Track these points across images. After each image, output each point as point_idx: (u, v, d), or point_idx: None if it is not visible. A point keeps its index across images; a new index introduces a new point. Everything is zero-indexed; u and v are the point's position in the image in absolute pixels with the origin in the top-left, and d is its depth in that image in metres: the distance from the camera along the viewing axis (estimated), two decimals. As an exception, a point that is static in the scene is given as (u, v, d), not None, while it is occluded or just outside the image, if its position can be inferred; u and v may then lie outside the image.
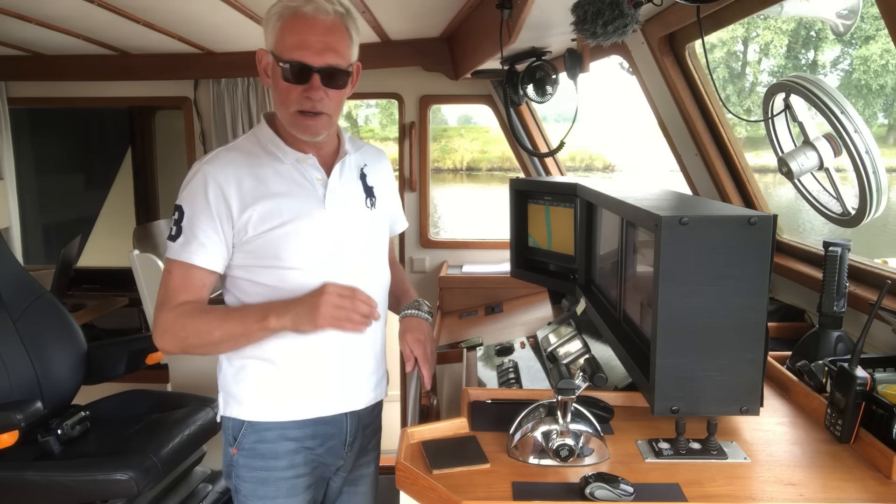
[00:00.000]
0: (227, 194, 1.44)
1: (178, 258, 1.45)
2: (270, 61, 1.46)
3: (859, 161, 1.51)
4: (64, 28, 2.76)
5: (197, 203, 1.45)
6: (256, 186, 1.47)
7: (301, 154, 1.52)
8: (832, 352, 1.52)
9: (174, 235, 1.47)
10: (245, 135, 1.59)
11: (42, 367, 2.60)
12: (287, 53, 1.41)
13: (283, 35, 1.42)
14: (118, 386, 2.85)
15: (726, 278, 1.20)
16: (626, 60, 2.25)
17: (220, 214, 1.44)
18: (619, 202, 1.52)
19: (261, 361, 1.52)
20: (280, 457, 1.54)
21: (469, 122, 26.91)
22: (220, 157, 1.49)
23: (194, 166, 1.50)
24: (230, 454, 1.58)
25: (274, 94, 1.49)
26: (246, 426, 1.55)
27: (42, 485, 2.23)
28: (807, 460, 1.24)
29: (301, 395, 1.54)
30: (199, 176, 1.46)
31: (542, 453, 1.23)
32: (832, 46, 23.02)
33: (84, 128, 5.20)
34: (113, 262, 4.18)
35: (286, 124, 1.49)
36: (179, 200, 1.48)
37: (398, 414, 3.01)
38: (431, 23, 2.86)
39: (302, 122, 1.46)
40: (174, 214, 1.48)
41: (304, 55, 1.40)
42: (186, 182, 1.49)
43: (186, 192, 1.47)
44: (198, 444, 2.59)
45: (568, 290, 2.23)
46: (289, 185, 1.50)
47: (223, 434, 1.61)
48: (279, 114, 1.51)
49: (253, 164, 1.49)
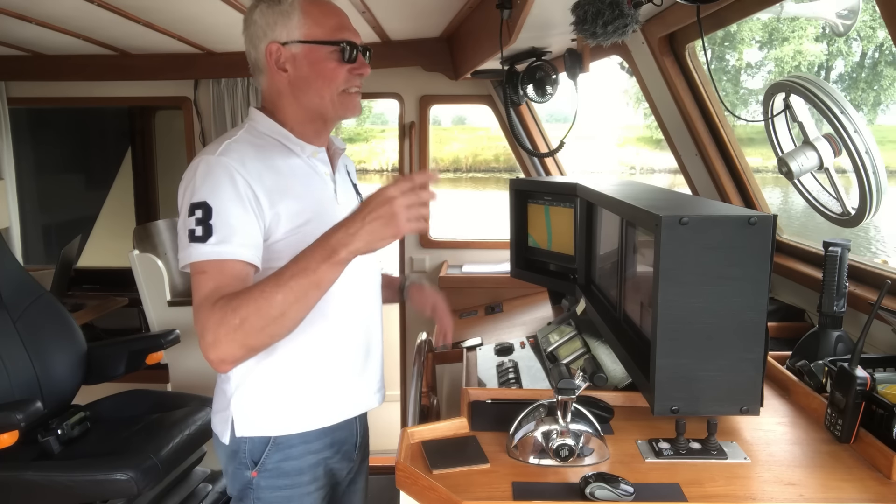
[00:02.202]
0: (254, 188, 1.33)
1: (217, 257, 1.26)
2: (296, 51, 1.42)
3: (859, 161, 1.51)
4: (64, 28, 2.76)
5: (226, 195, 1.29)
6: (277, 182, 1.37)
7: (315, 147, 1.48)
8: (832, 352, 1.52)
9: (202, 236, 1.27)
10: (240, 129, 1.45)
11: (42, 367, 2.60)
12: (334, 35, 1.42)
13: (319, 19, 1.42)
14: (118, 386, 2.85)
15: (726, 278, 1.20)
16: (626, 60, 2.25)
17: (254, 206, 1.32)
18: (619, 202, 1.52)
19: (273, 373, 1.45)
20: (304, 472, 1.50)
21: (463, 123, 26.97)
22: (234, 149, 1.36)
23: (205, 159, 1.33)
24: (247, 477, 1.48)
25: (315, 81, 1.43)
26: (271, 445, 1.47)
27: (42, 485, 2.23)
28: (807, 460, 1.24)
29: (320, 402, 1.50)
30: (221, 168, 1.31)
31: (542, 453, 1.23)
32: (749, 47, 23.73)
33: (84, 128, 5.19)
34: (113, 262, 4.18)
35: (330, 107, 1.44)
36: (201, 196, 1.29)
37: (398, 414, 3.01)
38: (431, 23, 2.86)
39: (351, 100, 1.46)
40: (194, 213, 1.28)
41: (349, 35, 1.44)
42: (204, 176, 1.31)
43: (209, 186, 1.30)
44: (198, 444, 2.59)
45: (568, 290, 2.23)
46: (307, 181, 1.45)
47: (232, 459, 1.49)
48: (321, 100, 1.44)
49: (266, 157, 1.39)
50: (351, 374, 1.54)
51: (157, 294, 3.30)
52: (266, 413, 1.47)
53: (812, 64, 22.17)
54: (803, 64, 21.87)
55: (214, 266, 1.27)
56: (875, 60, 23.42)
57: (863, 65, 23.30)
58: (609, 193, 1.64)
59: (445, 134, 27.03)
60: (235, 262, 1.28)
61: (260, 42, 1.44)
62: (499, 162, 24.59)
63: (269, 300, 1.18)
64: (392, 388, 3.68)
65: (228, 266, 1.27)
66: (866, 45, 22.97)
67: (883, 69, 22.96)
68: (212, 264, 1.27)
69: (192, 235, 1.27)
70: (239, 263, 1.28)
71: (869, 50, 23.25)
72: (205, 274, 1.27)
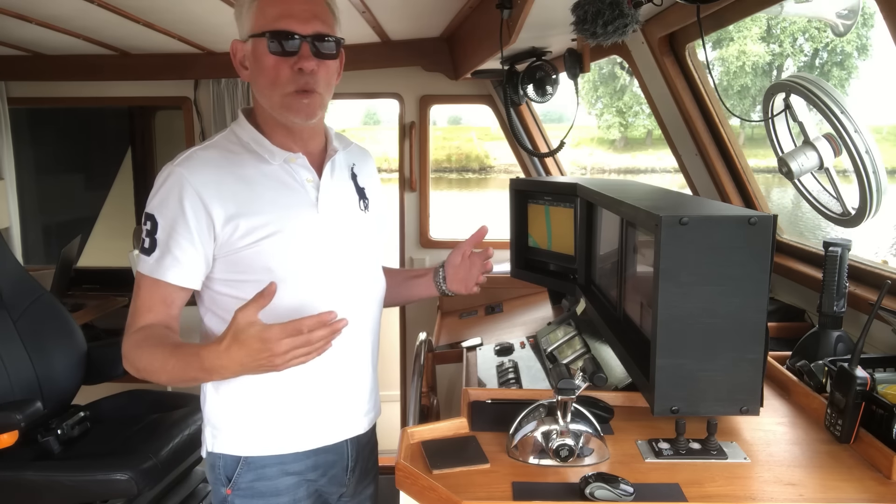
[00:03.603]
0: (206, 201, 1.29)
1: (151, 274, 1.32)
2: (249, 47, 1.33)
3: (859, 161, 1.51)
4: (64, 28, 2.76)
5: (171, 212, 1.30)
6: (240, 191, 1.32)
7: (289, 153, 1.38)
8: (832, 352, 1.52)
9: (147, 249, 1.32)
10: (222, 132, 1.42)
11: (42, 366, 2.60)
12: (271, 24, 1.29)
13: (263, 9, 1.31)
14: (118, 386, 2.86)
15: (726, 278, 1.20)
16: (626, 60, 2.25)
17: (198, 225, 1.30)
18: (619, 202, 1.52)
19: (253, 390, 1.39)
20: (281, 493, 1.43)
21: (458, 123, 27.04)
22: (195, 158, 1.33)
23: (165, 169, 1.33)
24: (222, 494, 1.44)
25: (259, 80, 1.34)
26: (242, 463, 1.41)
27: (42, 485, 2.23)
28: (806, 460, 1.23)
29: (300, 425, 1.43)
30: (173, 180, 1.30)
31: (542, 453, 1.23)
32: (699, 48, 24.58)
33: (84, 128, 5.19)
34: (113, 262, 4.17)
35: (277, 110, 1.34)
36: (150, 209, 1.32)
37: (398, 414, 3.01)
38: (431, 23, 2.86)
39: (297, 102, 1.32)
40: (145, 224, 1.33)
41: (289, 23, 1.29)
42: (157, 187, 1.32)
43: (157, 199, 1.31)
44: (198, 444, 2.57)
45: (568, 290, 2.22)
46: (277, 189, 1.36)
47: (211, 472, 1.46)
48: (267, 101, 1.35)
49: (234, 164, 1.34)
50: (333, 397, 1.46)
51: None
52: (236, 431, 1.42)
53: (756, 64, 22.55)
54: (747, 64, 22.25)
55: (148, 285, 1.34)
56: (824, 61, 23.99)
57: (813, 65, 23.80)
58: (609, 193, 1.64)
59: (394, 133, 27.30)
60: (169, 284, 1.33)
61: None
62: (450, 162, 24.47)
63: (157, 371, 1.29)
64: (392, 388, 3.70)
65: (160, 288, 1.34)
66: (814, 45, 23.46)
67: (830, 69, 23.43)
68: (147, 281, 1.34)
69: (142, 245, 1.35)
70: (171, 286, 1.33)
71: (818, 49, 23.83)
72: (140, 289, 1.35)
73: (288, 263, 1.35)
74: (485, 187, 22.28)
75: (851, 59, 23.57)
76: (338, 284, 1.41)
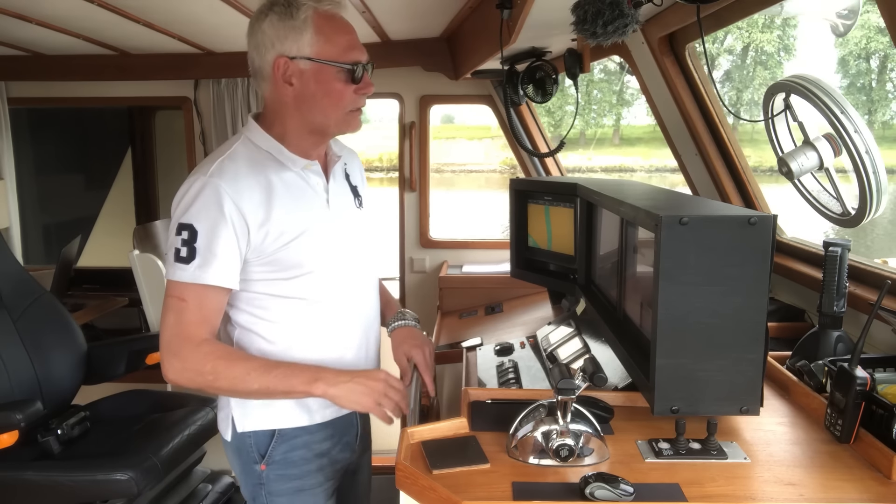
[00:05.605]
0: (242, 209, 1.38)
1: (197, 281, 1.36)
2: (305, 67, 1.41)
3: (859, 161, 1.51)
4: (64, 28, 2.76)
5: (210, 220, 1.36)
6: (268, 198, 1.42)
7: (307, 161, 1.50)
8: (832, 352, 1.52)
9: (186, 258, 1.36)
10: (237, 141, 1.50)
11: (42, 367, 2.60)
12: (344, 56, 1.43)
13: (331, 37, 1.42)
14: (118, 386, 2.85)
15: (726, 278, 1.20)
16: (626, 60, 2.25)
17: (238, 231, 1.38)
18: (619, 202, 1.52)
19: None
20: (311, 461, 1.55)
21: (451, 122, 27.13)
22: (227, 169, 1.41)
23: (198, 180, 1.39)
24: (256, 472, 1.53)
25: (321, 100, 1.44)
26: (276, 436, 1.52)
27: (42, 485, 2.23)
28: (806, 460, 1.24)
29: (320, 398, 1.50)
30: (211, 190, 1.37)
31: (542, 453, 1.23)
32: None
33: (84, 128, 5.19)
34: (113, 262, 4.17)
35: (335, 125, 1.48)
36: (188, 218, 1.37)
37: (398, 414, 3.00)
38: (431, 23, 2.86)
39: (354, 119, 1.49)
40: (181, 234, 1.37)
41: (358, 55, 1.45)
42: (192, 198, 1.38)
43: (195, 208, 1.37)
44: (198, 444, 2.59)
45: (568, 290, 2.22)
46: (298, 194, 1.48)
47: (239, 454, 1.55)
48: (324, 118, 1.46)
49: (259, 173, 1.43)
50: (350, 368, 1.54)
51: (157, 294, 3.29)
52: (266, 407, 1.51)
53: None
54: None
55: (195, 293, 1.38)
56: (754, 59, 24.34)
57: (744, 63, 24.14)
58: (609, 193, 1.64)
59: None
60: (214, 287, 1.38)
61: (267, 52, 1.43)
62: (382, 161, 24.33)
63: (247, 382, 1.38)
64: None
65: (209, 294, 1.39)
66: (745, 40, 23.74)
67: (754, 68, 23.78)
68: (192, 290, 1.37)
69: (177, 255, 1.37)
70: (216, 289, 1.39)
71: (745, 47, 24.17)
72: (184, 301, 1.38)
73: (313, 258, 1.49)
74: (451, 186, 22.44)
75: (774, 59, 24.11)
76: (350, 273, 1.57)
